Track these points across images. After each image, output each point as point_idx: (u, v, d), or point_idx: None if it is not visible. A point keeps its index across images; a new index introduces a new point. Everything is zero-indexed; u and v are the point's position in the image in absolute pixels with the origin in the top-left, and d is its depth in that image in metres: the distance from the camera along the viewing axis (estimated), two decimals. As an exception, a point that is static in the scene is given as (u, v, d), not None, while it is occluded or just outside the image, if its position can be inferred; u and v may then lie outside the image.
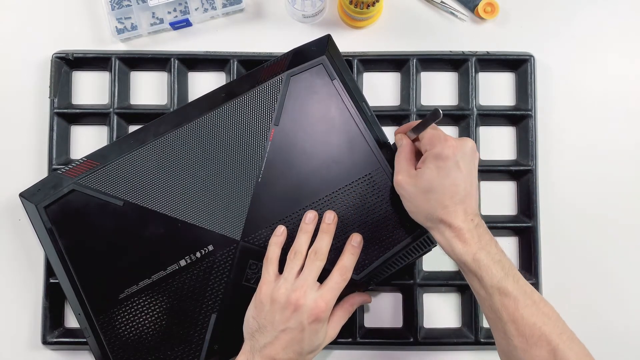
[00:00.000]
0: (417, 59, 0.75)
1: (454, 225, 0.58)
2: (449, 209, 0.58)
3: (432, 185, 0.58)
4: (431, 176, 0.59)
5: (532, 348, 0.54)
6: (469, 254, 0.57)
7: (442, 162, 0.58)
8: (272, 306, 0.61)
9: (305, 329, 0.60)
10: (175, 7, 0.76)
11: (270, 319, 0.61)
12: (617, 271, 0.76)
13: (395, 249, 0.67)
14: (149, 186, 0.68)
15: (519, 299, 0.55)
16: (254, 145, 0.68)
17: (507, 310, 0.55)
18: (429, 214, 0.59)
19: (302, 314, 0.60)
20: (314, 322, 0.60)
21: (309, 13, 0.74)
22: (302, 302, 0.60)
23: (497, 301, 0.56)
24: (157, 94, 0.77)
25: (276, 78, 0.69)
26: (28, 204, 0.68)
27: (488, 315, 0.58)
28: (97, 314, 0.67)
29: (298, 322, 0.60)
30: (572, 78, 0.77)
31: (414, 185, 0.60)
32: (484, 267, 0.56)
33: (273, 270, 0.64)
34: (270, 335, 0.60)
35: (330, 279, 0.63)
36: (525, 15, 0.78)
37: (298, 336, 0.60)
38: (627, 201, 0.76)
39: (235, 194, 0.68)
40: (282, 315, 0.60)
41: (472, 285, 0.59)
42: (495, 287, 0.56)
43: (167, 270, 0.67)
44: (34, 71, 0.76)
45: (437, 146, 0.59)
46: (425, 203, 0.59)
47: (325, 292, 0.61)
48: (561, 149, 0.76)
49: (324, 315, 0.61)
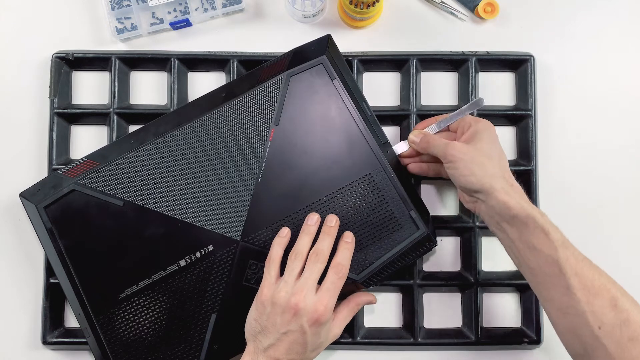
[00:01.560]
0: (417, 59, 0.75)
1: (514, 185, 0.62)
2: (507, 171, 0.63)
3: (493, 151, 0.63)
4: (488, 145, 0.63)
5: (595, 298, 0.56)
6: (536, 210, 0.60)
7: (491, 135, 0.65)
8: (273, 309, 0.61)
9: (307, 331, 0.60)
10: (175, 7, 0.76)
11: (272, 321, 0.61)
12: (618, 270, 0.75)
13: (396, 249, 0.67)
14: (149, 186, 0.68)
15: (577, 254, 0.58)
16: (254, 145, 0.68)
17: (571, 264, 0.57)
18: (495, 173, 0.61)
19: (301, 317, 0.60)
20: (314, 325, 0.60)
21: (309, 13, 0.74)
22: (302, 306, 0.60)
23: (562, 255, 0.57)
24: (157, 94, 0.77)
25: (276, 78, 0.68)
26: (28, 204, 0.68)
27: (547, 271, 0.58)
28: (97, 314, 0.67)
29: (299, 326, 0.60)
30: (572, 78, 0.77)
31: (474, 149, 0.62)
32: (549, 223, 0.59)
33: (275, 271, 0.64)
34: (273, 338, 0.61)
35: (327, 279, 0.62)
36: (525, 15, 0.78)
37: (300, 338, 0.60)
38: (628, 201, 0.76)
39: (235, 194, 0.68)
40: (283, 319, 0.60)
41: (534, 243, 0.59)
42: (560, 241, 0.58)
43: (167, 270, 0.67)
44: (34, 71, 0.76)
45: (482, 121, 0.66)
46: (490, 163, 0.62)
47: (323, 294, 0.61)
48: (561, 149, 0.76)
49: (324, 318, 0.61)
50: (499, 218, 0.61)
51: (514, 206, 0.59)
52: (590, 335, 0.55)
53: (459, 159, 0.62)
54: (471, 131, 0.65)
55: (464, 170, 0.62)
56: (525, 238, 0.59)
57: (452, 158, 0.62)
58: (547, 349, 0.74)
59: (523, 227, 0.59)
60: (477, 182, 0.61)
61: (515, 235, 0.60)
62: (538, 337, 0.72)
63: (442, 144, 0.64)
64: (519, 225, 0.60)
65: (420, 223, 0.68)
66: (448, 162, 0.63)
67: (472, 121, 0.66)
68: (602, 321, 0.55)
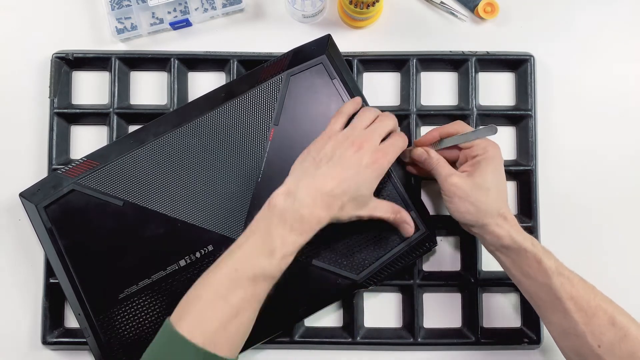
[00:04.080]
0: (417, 59, 0.75)
1: (508, 218, 0.62)
2: (504, 204, 0.63)
3: (493, 184, 0.62)
4: (491, 176, 0.62)
5: (592, 319, 0.58)
6: (528, 240, 0.61)
7: (497, 164, 0.63)
8: (336, 141, 0.61)
9: (361, 170, 0.59)
10: (175, 7, 0.76)
11: (329, 153, 0.60)
12: (617, 272, 0.76)
13: (396, 249, 0.67)
14: (149, 186, 0.68)
15: (572, 277, 0.60)
16: (254, 145, 0.68)
17: (565, 289, 0.59)
18: (491, 210, 0.62)
19: (364, 154, 0.59)
20: (371, 166, 0.59)
21: (309, 13, 0.75)
22: (367, 146, 0.60)
23: (556, 282, 0.59)
24: (157, 94, 0.77)
25: (276, 78, 0.69)
26: (28, 204, 0.68)
27: (543, 298, 0.60)
28: (97, 314, 0.67)
29: (357, 160, 0.59)
30: (572, 78, 0.77)
31: (472, 184, 0.62)
32: (542, 251, 0.61)
33: (342, 121, 0.64)
34: (324, 168, 0.59)
35: (390, 138, 0.63)
36: (525, 15, 0.78)
37: (352, 175, 0.59)
38: (627, 201, 0.76)
39: (235, 194, 0.68)
40: (343, 151, 0.59)
41: (528, 271, 0.61)
42: (554, 269, 0.60)
43: (167, 270, 0.67)
44: (34, 71, 0.76)
45: (490, 151, 0.63)
46: (486, 199, 0.61)
47: (387, 147, 0.61)
48: (561, 149, 0.76)
49: (384, 163, 0.60)
50: (492, 247, 0.63)
51: (504, 238, 0.61)
52: (591, 354, 0.58)
53: (455, 195, 0.62)
54: (475, 161, 0.63)
55: (459, 206, 0.62)
56: (519, 266, 0.62)
57: (449, 193, 0.62)
58: (547, 349, 0.74)
59: (516, 256, 0.61)
60: (472, 219, 0.62)
61: (509, 263, 0.62)
62: (538, 337, 0.72)
63: (443, 174, 0.63)
64: (512, 255, 0.62)
65: (420, 223, 0.68)
66: (445, 194, 0.63)
67: (479, 150, 0.64)
68: (602, 340, 0.57)
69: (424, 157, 0.65)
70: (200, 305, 0.55)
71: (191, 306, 0.55)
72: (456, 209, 0.62)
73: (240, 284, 0.55)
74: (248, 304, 0.55)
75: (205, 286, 0.56)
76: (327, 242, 0.68)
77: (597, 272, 0.75)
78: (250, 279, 0.55)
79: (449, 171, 0.63)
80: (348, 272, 0.68)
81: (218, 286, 0.55)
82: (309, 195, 0.57)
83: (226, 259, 0.57)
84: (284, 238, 0.56)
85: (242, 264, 0.56)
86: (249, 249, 0.56)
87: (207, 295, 0.55)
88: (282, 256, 0.56)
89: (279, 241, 0.56)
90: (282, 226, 0.56)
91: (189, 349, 0.53)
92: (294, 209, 0.57)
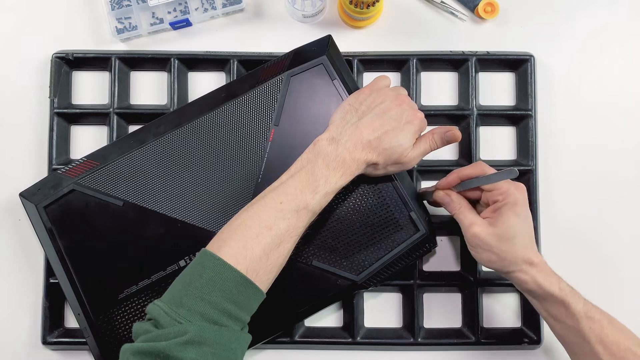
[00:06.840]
0: (417, 59, 0.75)
1: (535, 262, 0.61)
2: (530, 248, 0.62)
3: (516, 231, 0.61)
4: (514, 223, 0.61)
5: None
6: (555, 284, 0.61)
7: (519, 209, 0.61)
8: (379, 94, 0.63)
9: (401, 125, 0.62)
10: (175, 7, 0.76)
11: (371, 104, 0.63)
12: (618, 272, 0.76)
13: (396, 250, 0.67)
14: (149, 186, 0.68)
15: (602, 320, 0.59)
16: (254, 146, 0.68)
17: (594, 332, 0.59)
18: (515, 258, 0.61)
19: (405, 110, 0.62)
20: (410, 122, 0.62)
21: (309, 13, 0.74)
22: (408, 102, 0.63)
23: (585, 326, 0.59)
24: (157, 94, 0.77)
25: (276, 78, 0.69)
26: (28, 204, 0.68)
27: (572, 341, 0.61)
28: (97, 314, 0.67)
29: (399, 115, 0.62)
30: (572, 78, 0.77)
31: (494, 235, 0.61)
32: (569, 295, 0.60)
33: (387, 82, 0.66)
34: (367, 118, 0.62)
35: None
36: (525, 15, 0.78)
37: (392, 126, 0.61)
38: (627, 201, 0.76)
39: (235, 194, 0.68)
40: (386, 104, 0.62)
41: (556, 314, 0.61)
42: (582, 313, 0.59)
43: (167, 270, 0.67)
44: (34, 71, 0.76)
45: (511, 195, 0.62)
46: (509, 249, 0.61)
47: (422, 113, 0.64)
48: (561, 149, 0.76)
49: (421, 122, 0.63)
50: (519, 289, 0.64)
51: (529, 283, 0.61)
52: None
53: (479, 246, 0.62)
54: (496, 207, 0.62)
55: (482, 256, 0.63)
56: (546, 309, 0.62)
57: (472, 243, 0.63)
58: (547, 349, 0.74)
59: (543, 300, 0.62)
60: (496, 267, 0.63)
61: (537, 305, 0.63)
62: (538, 337, 0.72)
63: (466, 223, 0.63)
64: (539, 299, 0.62)
65: (420, 224, 0.68)
66: (469, 243, 0.64)
67: (500, 196, 0.62)
68: None
69: (446, 201, 0.65)
70: (245, 233, 0.57)
71: (235, 235, 0.57)
72: (479, 257, 0.63)
73: (284, 215, 0.58)
74: (289, 235, 0.58)
75: (249, 217, 0.58)
76: (327, 242, 0.68)
77: (597, 272, 0.76)
78: (294, 210, 0.58)
79: (470, 220, 0.63)
80: (348, 272, 0.68)
81: (263, 217, 0.57)
82: (350, 141, 0.60)
83: (270, 193, 0.59)
84: (327, 178, 0.60)
85: (287, 197, 0.58)
86: (293, 184, 0.59)
87: (252, 224, 0.57)
88: (324, 194, 0.59)
89: (322, 180, 0.59)
90: (325, 167, 0.60)
91: (233, 275, 0.54)
92: (337, 153, 0.60)
